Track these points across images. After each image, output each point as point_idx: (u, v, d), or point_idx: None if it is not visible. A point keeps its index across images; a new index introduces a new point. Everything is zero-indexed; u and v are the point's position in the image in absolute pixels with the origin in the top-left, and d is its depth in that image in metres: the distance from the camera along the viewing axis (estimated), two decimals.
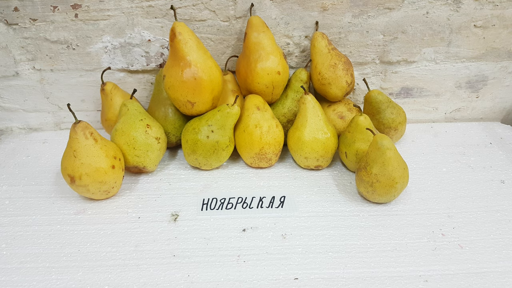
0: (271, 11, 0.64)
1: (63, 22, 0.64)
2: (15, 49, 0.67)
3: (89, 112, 0.75)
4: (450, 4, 0.64)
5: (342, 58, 0.64)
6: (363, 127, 0.58)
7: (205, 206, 0.57)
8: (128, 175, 0.63)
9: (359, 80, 0.72)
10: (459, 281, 0.45)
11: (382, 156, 0.52)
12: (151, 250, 0.49)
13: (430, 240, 0.50)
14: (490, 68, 0.72)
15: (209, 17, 0.64)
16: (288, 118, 0.66)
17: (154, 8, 0.63)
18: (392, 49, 0.69)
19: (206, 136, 0.59)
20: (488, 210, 0.55)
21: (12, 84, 0.71)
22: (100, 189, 0.55)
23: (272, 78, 0.61)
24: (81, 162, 0.52)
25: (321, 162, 0.62)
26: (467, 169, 0.64)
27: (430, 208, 0.56)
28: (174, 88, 0.58)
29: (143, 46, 0.67)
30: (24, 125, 0.77)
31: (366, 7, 0.64)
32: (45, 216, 0.55)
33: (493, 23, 0.67)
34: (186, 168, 0.65)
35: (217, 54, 0.68)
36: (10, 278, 0.46)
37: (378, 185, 0.53)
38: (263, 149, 0.60)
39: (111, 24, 0.65)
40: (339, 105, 0.67)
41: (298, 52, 0.69)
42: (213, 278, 0.45)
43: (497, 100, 0.77)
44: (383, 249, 0.49)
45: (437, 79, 0.73)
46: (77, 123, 0.53)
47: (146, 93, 0.74)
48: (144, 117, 0.60)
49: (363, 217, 0.54)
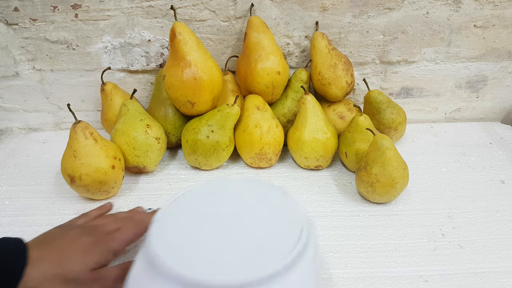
0: (271, 11, 0.64)
1: (63, 22, 0.64)
2: (15, 49, 0.67)
3: (89, 112, 0.75)
4: (450, 4, 0.64)
5: (342, 58, 0.64)
6: (363, 127, 0.58)
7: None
8: (128, 175, 0.63)
9: (359, 80, 0.72)
10: (459, 281, 0.45)
11: (382, 156, 0.52)
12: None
13: (430, 240, 0.50)
14: (490, 68, 0.72)
15: (209, 17, 0.64)
16: (288, 118, 0.66)
17: (154, 8, 0.63)
18: (392, 49, 0.69)
19: (206, 136, 0.59)
20: (488, 210, 0.55)
21: (12, 84, 0.71)
22: (100, 189, 0.55)
23: (272, 78, 0.61)
24: (81, 162, 0.52)
25: (321, 162, 0.62)
26: (467, 169, 0.64)
27: (430, 208, 0.56)
28: (174, 88, 0.58)
29: (143, 46, 0.67)
30: (24, 125, 0.77)
31: (366, 7, 0.64)
32: (45, 216, 0.55)
33: (493, 23, 0.67)
34: (186, 168, 0.65)
35: (217, 54, 0.68)
36: None
37: (378, 185, 0.53)
38: (263, 149, 0.60)
39: (111, 24, 0.65)
40: (339, 105, 0.67)
41: (298, 52, 0.69)
42: None
43: (497, 100, 0.77)
44: (383, 249, 0.49)
45: (437, 79, 0.73)
46: (77, 123, 0.53)
47: (146, 93, 0.74)
48: (144, 117, 0.60)
49: (363, 217, 0.54)
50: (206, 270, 0.29)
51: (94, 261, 0.40)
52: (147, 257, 0.32)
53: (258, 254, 0.31)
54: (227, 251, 0.31)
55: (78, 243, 0.41)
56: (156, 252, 0.31)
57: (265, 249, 0.31)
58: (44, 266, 0.37)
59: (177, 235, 0.33)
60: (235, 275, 0.29)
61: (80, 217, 0.48)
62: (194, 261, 0.30)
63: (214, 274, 0.29)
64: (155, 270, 0.30)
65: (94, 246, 0.41)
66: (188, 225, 0.35)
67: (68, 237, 0.41)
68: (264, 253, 0.31)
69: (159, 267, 0.30)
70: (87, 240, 0.41)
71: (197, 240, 0.33)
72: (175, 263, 0.30)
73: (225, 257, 0.31)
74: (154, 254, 0.31)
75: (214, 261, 0.30)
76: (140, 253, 0.34)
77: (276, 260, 0.30)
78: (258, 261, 0.30)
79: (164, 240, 0.32)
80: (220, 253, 0.31)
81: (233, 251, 0.31)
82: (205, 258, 0.31)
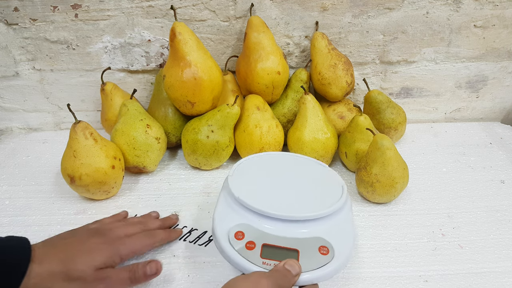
0: (271, 11, 0.64)
1: (63, 22, 0.64)
2: (15, 49, 0.67)
3: (89, 112, 0.75)
4: (450, 4, 0.64)
5: (342, 58, 0.64)
6: (363, 127, 0.58)
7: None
8: (128, 175, 0.63)
9: (359, 80, 0.72)
10: (459, 281, 0.45)
11: (382, 156, 0.52)
12: (150, 250, 0.49)
13: (430, 240, 0.50)
14: (490, 68, 0.72)
15: (209, 17, 0.64)
16: (288, 118, 0.66)
17: (154, 8, 0.63)
18: (392, 49, 0.69)
19: (206, 136, 0.59)
20: (488, 210, 0.55)
21: (12, 84, 0.71)
22: (100, 189, 0.55)
23: (272, 78, 0.61)
24: (81, 162, 0.52)
25: None
26: (467, 169, 0.64)
27: (430, 208, 0.56)
28: (174, 88, 0.58)
29: (143, 46, 0.67)
30: (24, 125, 0.77)
31: (366, 7, 0.64)
32: (45, 216, 0.55)
33: (493, 23, 0.67)
34: (186, 168, 0.65)
35: (217, 54, 0.68)
36: None
37: (378, 185, 0.53)
38: (263, 149, 0.60)
39: (111, 24, 0.65)
40: (339, 105, 0.67)
41: (298, 52, 0.69)
42: (213, 278, 0.45)
43: (497, 100, 0.77)
44: (383, 249, 0.49)
45: (437, 79, 0.73)
46: (77, 123, 0.53)
47: (146, 93, 0.74)
48: (144, 117, 0.60)
49: (363, 217, 0.54)
50: (271, 207, 0.42)
51: (100, 261, 0.39)
52: (230, 194, 0.45)
53: (313, 200, 0.45)
54: (287, 196, 0.45)
55: (85, 243, 0.41)
56: (234, 192, 0.44)
57: (318, 197, 0.45)
58: (48, 264, 0.37)
59: (249, 182, 0.47)
60: (296, 213, 0.42)
61: (93, 222, 0.48)
62: (264, 201, 0.43)
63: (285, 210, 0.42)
64: (236, 202, 0.44)
65: (102, 246, 0.41)
66: (257, 176, 0.48)
67: (76, 238, 0.42)
68: (318, 199, 0.45)
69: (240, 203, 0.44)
70: (95, 240, 0.41)
71: (265, 188, 0.46)
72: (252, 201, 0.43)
73: (284, 200, 0.44)
74: (234, 193, 0.44)
75: (276, 202, 0.44)
76: (222, 193, 0.47)
77: (329, 203, 0.44)
78: (313, 204, 0.44)
79: (240, 185, 0.46)
80: (281, 197, 0.45)
81: (291, 196, 0.45)
82: (270, 199, 0.44)
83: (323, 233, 0.42)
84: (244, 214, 0.43)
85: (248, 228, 0.42)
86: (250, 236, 0.41)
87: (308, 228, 0.42)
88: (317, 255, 0.40)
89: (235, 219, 0.43)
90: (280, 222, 0.42)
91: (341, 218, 0.44)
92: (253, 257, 0.40)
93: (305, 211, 0.42)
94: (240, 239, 0.41)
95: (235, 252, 0.40)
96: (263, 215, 0.42)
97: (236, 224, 0.42)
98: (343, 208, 0.44)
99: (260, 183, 0.47)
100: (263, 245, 0.41)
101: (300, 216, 0.42)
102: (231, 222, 0.43)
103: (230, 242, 0.41)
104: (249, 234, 0.41)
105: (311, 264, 0.39)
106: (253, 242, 0.41)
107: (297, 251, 0.40)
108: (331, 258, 0.40)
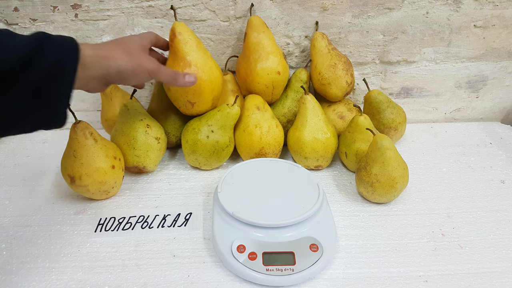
0: (271, 11, 0.64)
1: (63, 22, 0.64)
2: None
3: (89, 112, 0.75)
4: (450, 4, 0.64)
5: (342, 58, 0.64)
6: (363, 127, 0.58)
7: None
8: (128, 175, 0.63)
9: (359, 80, 0.72)
10: (459, 281, 0.45)
11: (382, 156, 0.52)
12: (151, 250, 0.49)
13: (430, 240, 0.50)
14: (490, 68, 0.72)
15: (209, 17, 0.64)
16: (288, 118, 0.66)
17: (154, 8, 0.63)
18: (392, 49, 0.69)
19: (206, 136, 0.59)
20: (488, 210, 0.55)
21: None
22: (100, 189, 0.55)
23: (272, 78, 0.61)
24: (81, 162, 0.52)
25: (321, 162, 0.62)
26: (467, 169, 0.64)
27: (430, 208, 0.56)
28: (174, 88, 0.58)
29: None
30: None
31: (366, 7, 0.64)
32: (45, 216, 0.55)
33: (493, 23, 0.67)
34: (186, 168, 0.65)
35: (217, 54, 0.68)
36: (10, 278, 0.46)
37: (378, 185, 0.53)
38: (263, 149, 0.60)
39: (111, 24, 0.65)
40: (339, 105, 0.67)
41: (298, 52, 0.69)
42: (213, 278, 0.45)
43: (497, 100, 0.77)
44: (383, 249, 0.49)
45: (437, 79, 0.73)
46: (77, 123, 0.53)
47: (146, 93, 0.74)
48: (144, 117, 0.60)
49: (363, 217, 0.54)
50: (263, 217, 0.47)
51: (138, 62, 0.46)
52: (223, 211, 0.49)
53: (296, 203, 0.49)
54: (273, 204, 0.49)
55: (128, 43, 0.47)
56: (227, 209, 0.48)
57: (299, 200, 0.50)
58: (94, 67, 0.41)
59: (237, 195, 0.51)
60: (285, 219, 0.46)
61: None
62: (256, 213, 0.47)
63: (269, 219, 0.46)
64: (232, 218, 0.48)
65: (141, 52, 0.48)
66: (242, 188, 0.52)
67: (121, 39, 0.48)
68: (300, 202, 0.49)
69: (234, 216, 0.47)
70: (137, 42, 0.49)
71: (253, 199, 0.50)
72: (243, 214, 0.47)
73: (272, 208, 0.48)
74: (227, 210, 0.48)
75: (266, 211, 0.48)
76: (215, 209, 0.50)
77: (310, 205, 0.49)
78: (297, 208, 0.48)
79: (230, 200, 0.50)
80: (269, 206, 0.49)
81: (277, 204, 0.49)
82: (260, 210, 0.48)
83: (311, 232, 0.47)
84: (241, 228, 0.47)
85: (247, 240, 0.46)
86: (251, 247, 0.45)
87: (298, 230, 0.47)
88: (309, 253, 0.45)
89: (234, 234, 0.47)
90: (275, 230, 0.46)
91: (322, 214, 0.49)
92: (256, 266, 0.43)
93: (294, 215, 0.47)
94: (242, 252, 0.45)
95: (241, 265, 0.44)
96: (258, 226, 0.46)
97: (236, 238, 0.46)
98: (322, 204, 0.50)
99: (248, 195, 0.51)
100: (264, 253, 0.45)
101: (292, 221, 0.46)
102: (231, 237, 0.46)
103: (234, 256, 0.44)
104: (250, 245, 0.45)
105: (306, 263, 0.44)
106: (255, 253, 0.45)
107: (293, 253, 0.45)
108: (321, 253, 0.45)
